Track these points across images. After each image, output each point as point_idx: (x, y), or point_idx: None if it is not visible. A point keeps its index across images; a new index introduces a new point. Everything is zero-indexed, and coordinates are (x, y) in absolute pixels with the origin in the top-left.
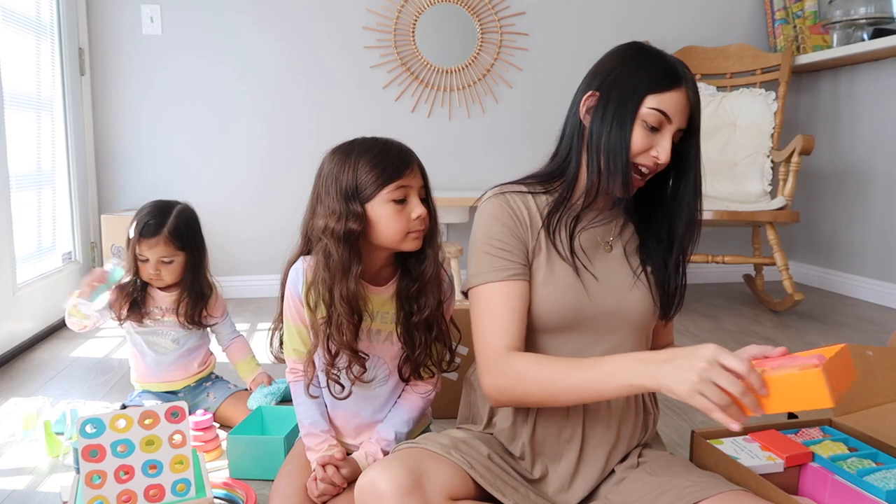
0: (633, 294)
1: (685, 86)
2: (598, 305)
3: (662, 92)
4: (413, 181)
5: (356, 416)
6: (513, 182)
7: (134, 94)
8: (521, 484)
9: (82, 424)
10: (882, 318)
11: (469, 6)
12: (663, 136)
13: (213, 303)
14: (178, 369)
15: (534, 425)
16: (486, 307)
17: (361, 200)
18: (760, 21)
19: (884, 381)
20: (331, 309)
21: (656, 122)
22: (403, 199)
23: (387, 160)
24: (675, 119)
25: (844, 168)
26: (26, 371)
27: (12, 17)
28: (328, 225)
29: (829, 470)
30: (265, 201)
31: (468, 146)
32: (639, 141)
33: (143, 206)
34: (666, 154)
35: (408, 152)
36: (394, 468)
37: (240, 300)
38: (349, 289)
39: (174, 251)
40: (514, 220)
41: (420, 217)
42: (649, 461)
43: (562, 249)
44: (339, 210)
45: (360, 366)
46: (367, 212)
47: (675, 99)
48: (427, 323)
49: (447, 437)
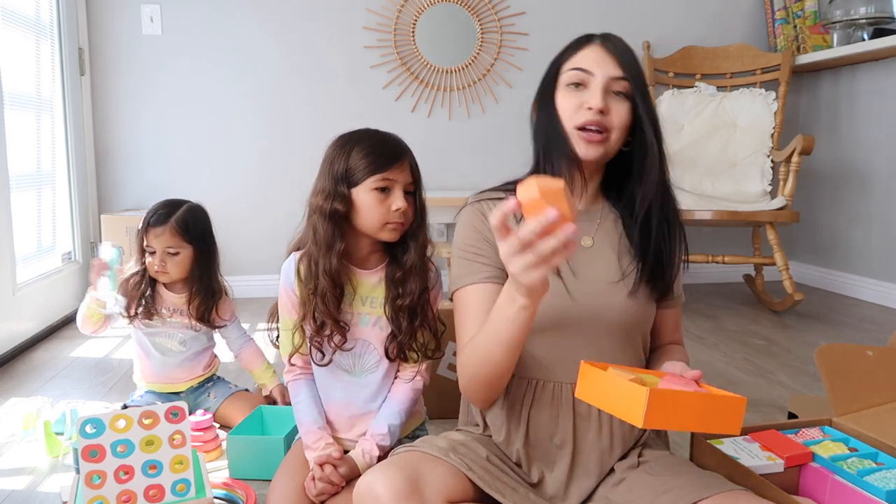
0: (619, 289)
1: (598, 42)
2: (580, 302)
3: (574, 54)
4: (399, 175)
5: (349, 405)
6: (491, 189)
7: (134, 94)
8: (520, 484)
9: (82, 424)
10: (882, 318)
11: (469, 6)
12: (590, 87)
13: (222, 303)
14: (183, 371)
15: (526, 431)
16: (462, 309)
17: (349, 184)
18: (760, 21)
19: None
20: (317, 280)
21: (578, 79)
22: (387, 189)
23: (378, 151)
24: (596, 70)
25: (844, 168)
26: (26, 371)
27: (12, 17)
28: (317, 202)
29: (829, 470)
30: (265, 201)
31: (468, 146)
32: (567, 102)
33: (155, 203)
34: (595, 99)
35: (401, 148)
36: (391, 473)
37: (239, 300)
38: (331, 264)
39: (180, 242)
40: (486, 224)
41: (399, 210)
42: (650, 461)
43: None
44: (328, 190)
45: (341, 335)
46: (352, 196)
47: (589, 53)
48: (411, 308)
49: (445, 440)
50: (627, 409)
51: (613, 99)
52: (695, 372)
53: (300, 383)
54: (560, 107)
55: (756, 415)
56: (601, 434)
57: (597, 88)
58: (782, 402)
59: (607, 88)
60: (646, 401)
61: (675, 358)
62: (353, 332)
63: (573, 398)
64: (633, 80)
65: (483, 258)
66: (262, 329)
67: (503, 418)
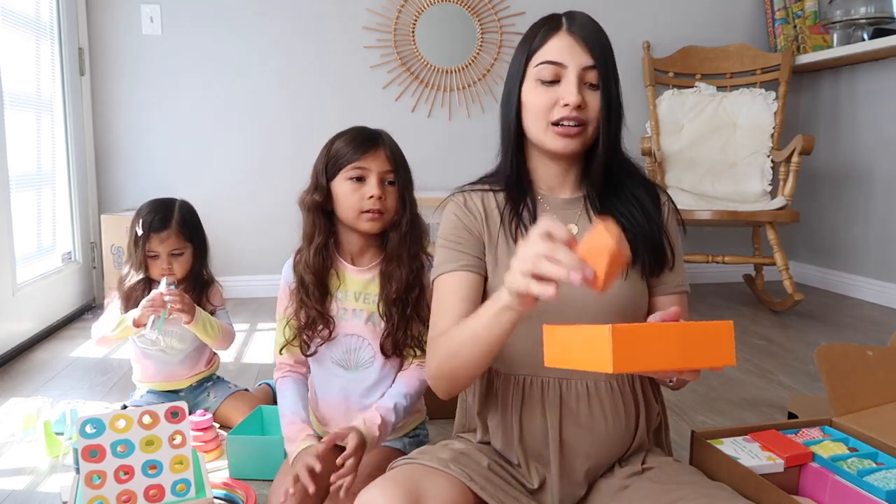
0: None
1: (565, 28)
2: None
3: (542, 45)
4: (373, 164)
5: (345, 401)
6: (474, 182)
7: (134, 94)
8: (522, 494)
9: (82, 424)
10: (882, 318)
11: (469, 6)
12: (564, 81)
13: (213, 290)
14: (184, 368)
15: (520, 432)
16: (439, 296)
17: (328, 177)
18: (760, 21)
19: (884, 381)
20: (301, 274)
21: (550, 75)
22: (361, 178)
23: (353, 143)
24: (569, 62)
25: (844, 168)
26: (26, 371)
27: (12, 17)
28: (302, 197)
29: (829, 470)
30: (265, 201)
31: (468, 146)
32: (539, 99)
33: (141, 207)
34: (571, 95)
35: (377, 137)
36: (390, 489)
37: (239, 300)
38: (311, 257)
39: (184, 242)
40: (468, 215)
41: (373, 198)
42: (654, 468)
43: (520, 236)
44: (311, 183)
45: (325, 327)
46: (331, 188)
47: (558, 43)
48: (401, 300)
49: (445, 450)
50: (595, 358)
51: (587, 90)
52: (672, 310)
53: (287, 380)
54: (531, 102)
55: (756, 415)
56: (592, 430)
57: (571, 83)
58: (782, 402)
59: (581, 80)
60: (610, 339)
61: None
62: (344, 327)
63: (560, 394)
64: (603, 67)
65: (462, 247)
66: (262, 329)
67: (497, 420)
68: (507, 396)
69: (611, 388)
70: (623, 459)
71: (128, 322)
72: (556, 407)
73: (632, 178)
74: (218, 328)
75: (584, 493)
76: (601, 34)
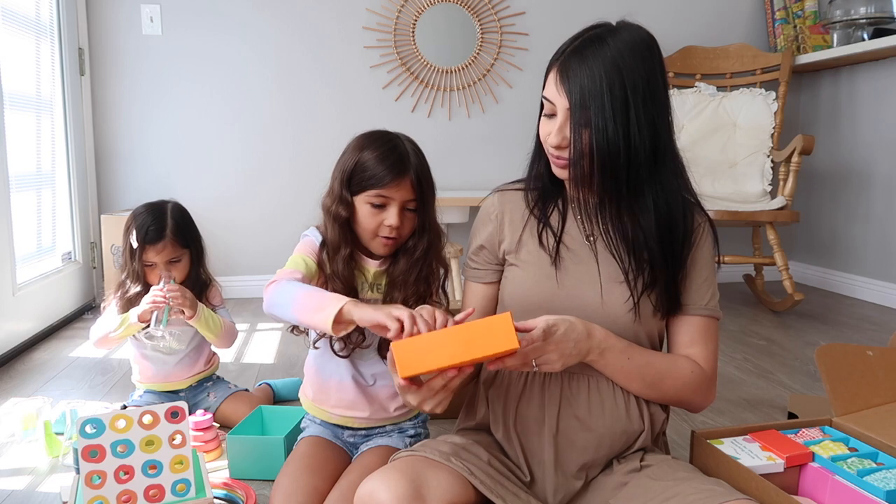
0: (616, 288)
1: (556, 70)
2: (570, 295)
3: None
4: (397, 194)
5: (348, 383)
6: (515, 181)
7: (134, 94)
8: (521, 489)
9: (82, 424)
10: (882, 318)
11: (469, 6)
12: (554, 118)
13: (212, 289)
14: (184, 368)
15: (516, 415)
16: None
17: (352, 191)
18: (760, 21)
19: (884, 381)
20: (332, 283)
21: (547, 109)
22: (382, 205)
23: (382, 165)
24: (556, 102)
25: (844, 168)
26: (26, 371)
27: (12, 18)
28: (327, 204)
29: (829, 470)
30: (265, 201)
31: (468, 146)
32: (542, 127)
33: (134, 213)
34: (551, 136)
35: (405, 163)
36: (393, 478)
37: (239, 300)
38: (339, 267)
39: (180, 250)
40: (493, 220)
41: (390, 227)
42: (653, 465)
43: (544, 239)
44: (336, 192)
45: (360, 333)
46: (354, 202)
47: (549, 82)
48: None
49: (447, 444)
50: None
51: (574, 129)
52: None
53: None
54: (540, 127)
55: (756, 415)
56: (590, 424)
57: (554, 124)
58: (782, 402)
59: (566, 119)
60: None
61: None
62: None
63: (562, 387)
64: (583, 110)
65: (479, 258)
66: (263, 329)
67: (499, 409)
68: (509, 385)
69: (612, 388)
70: (621, 457)
71: (132, 319)
72: (556, 399)
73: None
74: (220, 323)
75: (583, 490)
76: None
